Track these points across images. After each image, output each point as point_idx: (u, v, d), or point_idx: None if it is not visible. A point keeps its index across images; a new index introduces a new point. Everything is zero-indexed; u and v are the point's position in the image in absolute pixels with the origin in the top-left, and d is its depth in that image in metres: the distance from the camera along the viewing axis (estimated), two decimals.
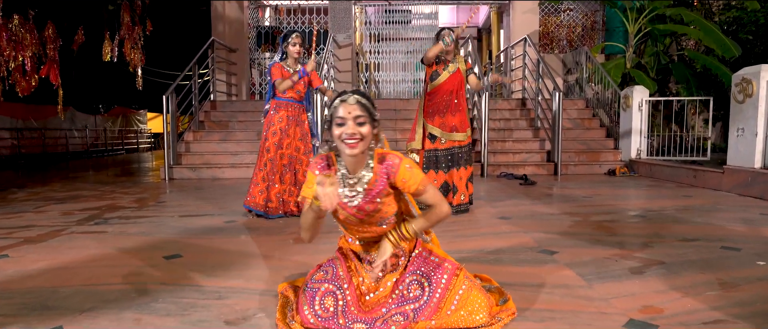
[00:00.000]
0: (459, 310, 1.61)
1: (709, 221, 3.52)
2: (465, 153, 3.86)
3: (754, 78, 4.76)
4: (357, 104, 1.58)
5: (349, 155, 1.59)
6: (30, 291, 2.12)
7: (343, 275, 1.70)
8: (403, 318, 1.59)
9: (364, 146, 1.60)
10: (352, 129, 1.56)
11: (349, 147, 1.57)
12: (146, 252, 2.76)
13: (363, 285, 1.73)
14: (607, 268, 2.36)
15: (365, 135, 1.58)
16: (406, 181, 1.65)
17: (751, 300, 1.94)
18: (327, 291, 1.65)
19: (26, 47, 5.66)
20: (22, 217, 4.02)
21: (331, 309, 1.62)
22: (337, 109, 1.58)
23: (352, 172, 1.66)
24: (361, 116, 1.57)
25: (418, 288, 1.67)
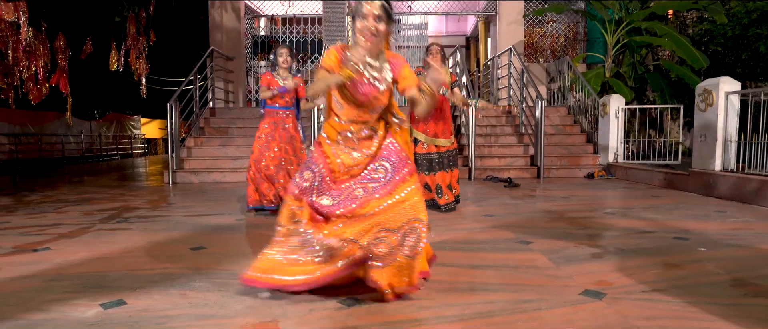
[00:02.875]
0: (405, 201, 1.96)
1: (669, 217, 3.96)
2: (448, 158, 4.27)
3: (714, 89, 5.25)
4: (379, 5, 1.96)
5: (364, 46, 1.98)
6: (83, 275, 2.48)
7: (321, 162, 2.09)
8: (363, 192, 2.00)
9: (379, 41, 1.99)
10: (373, 24, 1.94)
11: (366, 40, 1.96)
12: (173, 245, 3.13)
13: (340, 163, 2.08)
14: (573, 254, 2.78)
15: (381, 31, 1.97)
16: (406, 77, 2.06)
17: (685, 275, 2.37)
18: (306, 168, 2.10)
19: (39, 58, 5.98)
20: (46, 217, 4.35)
21: (308, 178, 2.05)
22: (362, 6, 1.97)
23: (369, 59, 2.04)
24: (381, 15, 1.96)
25: (382, 171, 2.06)
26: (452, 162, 4.33)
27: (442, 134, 4.28)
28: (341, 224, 1.95)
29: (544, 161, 7.35)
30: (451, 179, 4.33)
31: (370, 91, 2.05)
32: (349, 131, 2.12)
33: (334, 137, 2.14)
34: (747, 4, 8.51)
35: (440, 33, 16.28)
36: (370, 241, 1.91)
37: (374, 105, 2.08)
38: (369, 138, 2.12)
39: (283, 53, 4.26)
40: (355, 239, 1.92)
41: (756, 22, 8.35)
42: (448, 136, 4.30)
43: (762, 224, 3.66)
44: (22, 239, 3.39)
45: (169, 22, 9.93)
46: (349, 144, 2.13)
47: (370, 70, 2.04)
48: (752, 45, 8.46)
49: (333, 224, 1.97)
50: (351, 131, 2.12)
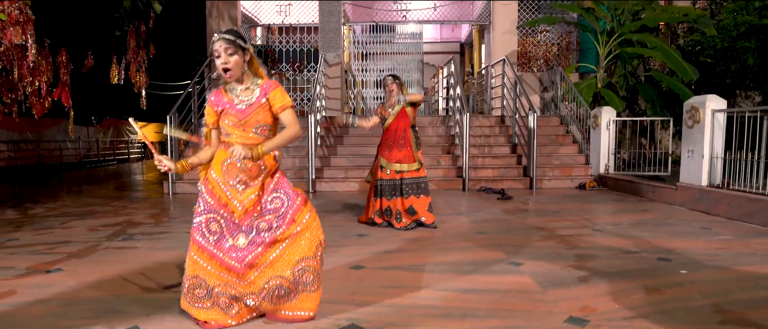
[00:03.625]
0: (303, 233, 2.17)
1: (655, 235, 4.13)
2: (409, 185, 4.40)
3: (701, 107, 5.43)
4: (224, 40, 2.10)
5: (226, 79, 2.15)
6: (97, 299, 2.62)
7: (214, 202, 2.19)
8: (266, 225, 2.16)
9: (235, 73, 2.13)
10: (225, 59, 2.10)
11: (226, 76, 2.13)
12: (180, 266, 3.26)
13: (236, 205, 2.19)
14: (560, 277, 2.94)
15: (234, 63, 2.11)
16: (275, 97, 2.18)
17: (665, 300, 2.53)
18: (208, 219, 2.18)
19: (42, 73, 6.09)
20: (53, 233, 4.47)
21: (216, 231, 2.17)
22: (213, 45, 2.14)
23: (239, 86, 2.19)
24: (229, 48, 2.10)
25: (278, 201, 2.21)
26: (417, 189, 4.42)
27: (405, 159, 4.43)
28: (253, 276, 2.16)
29: (536, 171, 7.52)
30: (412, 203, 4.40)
31: (246, 109, 2.16)
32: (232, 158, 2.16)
33: (220, 168, 2.20)
34: (736, 17, 8.72)
35: (435, 39, 16.48)
36: (293, 271, 2.16)
37: (256, 122, 2.17)
38: (257, 168, 2.20)
39: None
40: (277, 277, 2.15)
41: (744, 35, 8.56)
42: (409, 161, 4.43)
43: (742, 243, 3.83)
44: (34, 258, 3.52)
45: (167, 31, 10.05)
46: (231, 173, 2.17)
47: (241, 95, 2.18)
48: (741, 57, 8.66)
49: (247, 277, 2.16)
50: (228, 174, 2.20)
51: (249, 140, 2.17)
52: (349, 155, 8.36)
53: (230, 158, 2.16)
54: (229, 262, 2.14)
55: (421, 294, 2.65)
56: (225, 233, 2.17)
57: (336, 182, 7.59)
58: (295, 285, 2.16)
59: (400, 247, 3.75)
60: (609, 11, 9.24)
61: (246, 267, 2.14)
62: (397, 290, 2.72)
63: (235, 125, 2.16)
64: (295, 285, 2.16)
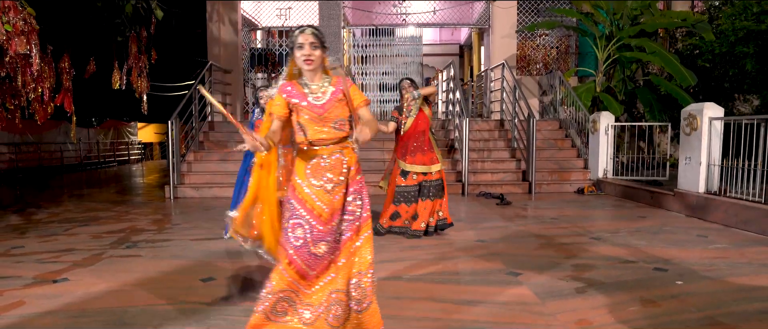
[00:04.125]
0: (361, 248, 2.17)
1: (651, 243, 4.19)
2: (434, 187, 4.44)
3: (698, 114, 5.49)
4: (312, 34, 2.14)
5: (307, 70, 2.16)
6: (105, 311, 2.67)
7: (300, 208, 2.16)
8: (344, 226, 2.17)
9: (316, 65, 2.17)
10: (309, 51, 2.13)
11: (306, 64, 2.14)
12: (184, 276, 3.32)
13: (321, 206, 2.17)
14: (558, 288, 3.00)
15: (318, 57, 2.15)
16: (355, 94, 2.23)
17: (660, 313, 2.59)
18: (296, 224, 2.16)
19: (45, 79, 6.14)
20: (58, 240, 4.52)
21: (300, 237, 2.14)
22: (298, 37, 2.15)
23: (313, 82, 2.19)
24: (315, 42, 2.15)
25: (358, 206, 2.20)
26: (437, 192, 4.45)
27: (430, 161, 4.47)
28: (318, 287, 2.14)
29: (535, 176, 7.57)
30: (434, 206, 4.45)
31: (325, 103, 2.18)
32: (319, 157, 2.17)
33: (304, 172, 2.20)
34: (734, 23, 8.77)
35: (435, 41, 16.52)
36: (348, 284, 2.13)
37: (335, 117, 2.18)
38: (341, 165, 2.19)
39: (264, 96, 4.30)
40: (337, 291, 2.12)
41: (742, 41, 8.61)
42: (436, 161, 4.49)
43: (737, 252, 3.89)
44: (40, 267, 3.57)
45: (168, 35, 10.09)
46: (318, 174, 2.17)
47: (316, 92, 2.19)
48: (739, 62, 8.72)
49: (312, 285, 2.15)
50: (321, 156, 2.18)
51: (331, 133, 2.19)
52: None
53: (315, 159, 2.18)
54: (305, 268, 2.13)
55: (420, 306, 2.71)
56: (308, 241, 2.13)
57: None
58: (353, 299, 2.13)
59: (399, 256, 3.81)
60: (608, 16, 9.30)
61: (316, 275, 2.14)
62: (397, 301, 2.78)
63: (312, 120, 2.16)
64: (349, 299, 2.13)
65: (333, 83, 2.21)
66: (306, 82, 2.19)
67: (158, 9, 6.85)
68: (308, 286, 2.14)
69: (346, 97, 2.21)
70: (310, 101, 2.16)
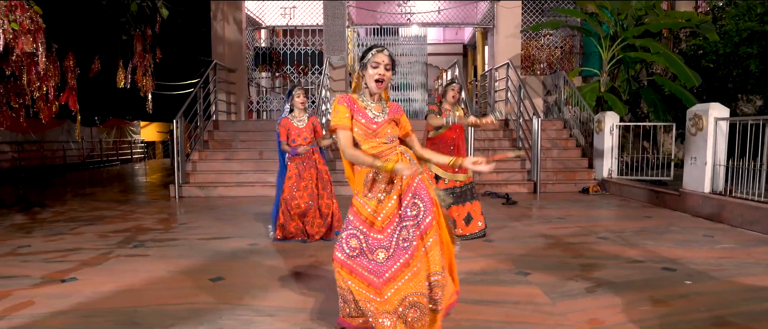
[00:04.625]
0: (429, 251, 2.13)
1: (658, 243, 4.18)
2: (466, 191, 4.40)
3: (704, 114, 5.48)
4: (388, 56, 2.23)
5: (376, 91, 2.23)
6: (115, 310, 2.67)
7: (356, 220, 2.22)
8: (405, 234, 2.15)
9: (386, 85, 2.26)
10: (383, 72, 2.20)
11: (377, 86, 2.22)
12: (192, 275, 3.32)
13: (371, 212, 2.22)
14: (568, 288, 3.00)
15: (388, 78, 2.24)
16: (406, 121, 2.36)
17: (670, 313, 2.58)
18: (348, 235, 2.21)
19: (50, 78, 6.14)
20: (64, 239, 4.53)
21: (356, 247, 2.19)
22: (375, 55, 2.22)
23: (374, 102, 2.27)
24: (389, 64, 2.23)
25: (416, 209, 2.18)
26: (471, 195, 4.42)
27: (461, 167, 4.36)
28: (390, 293, 2.12)
29: (540, 176, 7.57)
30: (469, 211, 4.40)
31: (383, 122, 2.25)
32: (374, 173, 2.24)
33: (362, 188, 2.26)
34: (738, 23, 8.76)
35: (438, 41, 16.52)
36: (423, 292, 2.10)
37: (386, 133, 2.25)
38: (389, 175, 2.22)
39: (300, 95, 4.33)
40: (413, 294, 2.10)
41: (746, 41, 8.60)
42: (465, 170, 4.38)
43: (744, 252, 3.89)
44: (48, 267, 3.58)
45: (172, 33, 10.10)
46: (374, 188, 2.24)
47: (374, 110, 2.26)
48: (743, 62, 8.71)
49: (383, 293, 2.13)
50: (374, 171, 2.24)
51: (382, 148, 2.25)
52: None
53: (370, 174, 2.25)
54: (369, 277, 2.15)
55: None
56: (364, 250, 2.18)
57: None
58: (431, 301, 2.12)
59: None
60: (612, 16, 9.28)
61: (384, 282, 2.12)
62: None
63: (365, 135, 2.23)
64: (430, 301, 2.11)
65: (389, 105, 2.32)
66: (366, 100, 2.27)
67: (164, 8, 6.84)
68: (379, 294, 2.13)
69: (399, 123, 2.33)
70: (368, 116, 2.23)
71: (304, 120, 4.36)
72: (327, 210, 4.39)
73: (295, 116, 4.36)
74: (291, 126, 4.33)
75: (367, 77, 2.21)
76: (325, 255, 3.84)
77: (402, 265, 2.12)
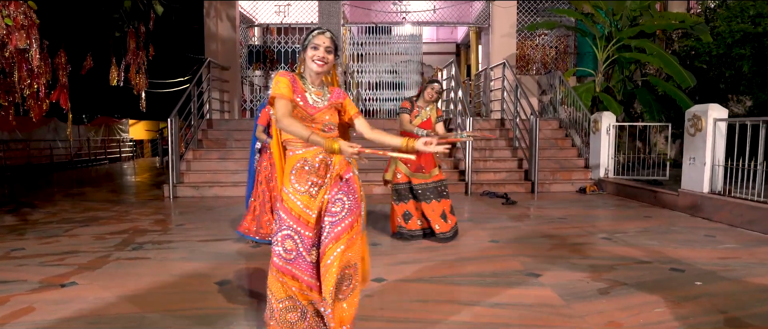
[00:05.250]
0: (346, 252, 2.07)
1: (662, 243, 4.19)
2: (431, 190, 4.28)
3: (703, 115, 5.51)
4: (330, 38, 2.14)
5: (316, 72, 2.13)
6: (122, 317, 2.59)
7: (287, 218, 2.11)
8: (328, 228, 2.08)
9: (327, 69, 2.17)
10: (323, 54, 2.12)
11: (317, 66, 2.12)
12: (197, 279, 3.24)
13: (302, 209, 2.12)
14: (581, 289, 2.97)
15: (330, 60, 2.15)
16: (350, 105, 2.26)
17: (686, 315, 2.57)
18: (284, 237, 2.09)
19: (41, 75, 5.99)
20: (60, 242, 4.40)
21: (291, 248, 2.09)
22: (316, 37, 2.14)
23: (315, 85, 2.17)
24: (330, 47, 2.14)
25: (339, 205, 2.11)
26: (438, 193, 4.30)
27: (426, 165, 4.28)
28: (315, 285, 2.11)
29: (538, 175, 7.57)
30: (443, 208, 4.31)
31: (322, 107, 2.16)
32: (304, 160, 2.13)
33: (289, 178, 2.16)
34: (730, 25, 8.85)
35: (432, 40, 16.49)
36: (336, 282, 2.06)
37: (323, 120, 2.15)
38: (325, 166, 2.14)
39: None
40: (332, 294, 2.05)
41: (739, 43, 8.70)
42: (430, 169, 4.29)
43: (748, 252, 3.91)
44: (45, 271, 3.47)
45: (165, 30, 9.93)
46: (302, 178, 2.13)
47: (314, 95, 2.16)
48: (736, 64, 8.81)
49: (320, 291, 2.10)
50: (306, 159, 2.13)
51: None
52: None
53: (299, 163, 2.13)
54: (309, 281, 2.10)
55: (448, 309, 2.67)
56: (301, 251, 2.10)
57: None
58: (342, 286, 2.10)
59: (417, 257, 3.76)
60: (607, 16, 9.33)
61: (309, 279, 2.10)
62: (424, 304, 2.73)
63: (304, 119, 2.12)
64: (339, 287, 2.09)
65: (331, 91, 2.23)
66: (308, 84, 2.17)
67: (158, 4, 6.72)
68: (309, 290, 2.12)
69: (342, 107, 2.24)
70: (308, 100, 2.14)
71: None
72: None
73: None
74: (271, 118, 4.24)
75: (307, 60, 2.14)
76: None
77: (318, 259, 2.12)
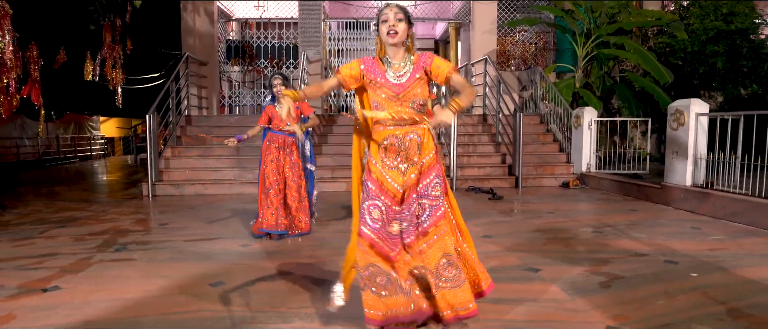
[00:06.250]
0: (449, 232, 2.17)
1: (652, 236, 4.25)
2: None
3: (685, 110, 5.62)
4: (396, 7, 2.14)
5: (391, 43, 2.12)
6: (116, 322, 2.45)
7: (376, 189, 2.16)
8: (423, 211, 2.14)
9: (401, 38, 2.13)
10: (393, 22, 2.10)
11: (390, 37, 2.11)
12: (190, 280, 3.11)
13: (392, 184, 2.16)
14: (582, 283, 2.97)
15: (402, 29, 2.12)
16: (439, 66, 2.15)
17: (687, 307, 2.59)
18: (370, 206, 2.14)
19: (11, 70, 5.70)
20: (35, 243, 4.19)
21: (377, 218, 2.13)
22: (383, 13, 2.15)
23: (395, 60, 2.17)
24: (399, 14, 2.13)
25: (438, 189, 2.18)
26: None
27: None
28: (409, 256, 2.13)
29: (522, 170, 7.63)
30: None
31: (405, 83, 2.15)
32: (394, 136, 2.16)
33: (378, 152, 2.18)
34: (704, 22, 9.09)
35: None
36: (438, 266, 2.12)
37: (414, 96, 2.15)
38: (416, 146, 2.17)
39: (276, 83, 4.23)
40: (424, 266, 2.12)
41: (713, 40, 8.94)
42: None
43: (735, 243, 3.99)
44: (23, 275, 3.28)
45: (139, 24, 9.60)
46: (392, 154, 2.16)
47: (397, 70, 2.16)
48: (709, 60, 9.05)
49: (402, 256, 2.13)
50: (397, 135, 2.16)
51: (408, 112, 2.15)
52: (334, 154, 8.24)
53: (389, 139, 2.16)
54: (386, 250, 2.11)
55: None
56: (385, 222, 2.13)
57: (323, 182, 7.47)
58: (438, 278, 2.11)
59: None
60: (586, 13, 9.45)
61: (397, 254, 2.12)
62: None
63: (390, 99, 2.13)
64: (437, 278, 2.11)
65: (414, 62, 2.18)
66: (388, 59, 2.17)
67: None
68: (392, 267, 2.12)
69: (429, 72, 2.16)
70: (389, 78, 2.13)
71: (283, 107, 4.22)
72: (291, 203, 4.28)
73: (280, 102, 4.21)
74: (274, 112, 4.27)
75: (382, 35, 2.15)
76: (324, 253, 3.70)
77: (416, 238, 2.14)
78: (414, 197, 2.15)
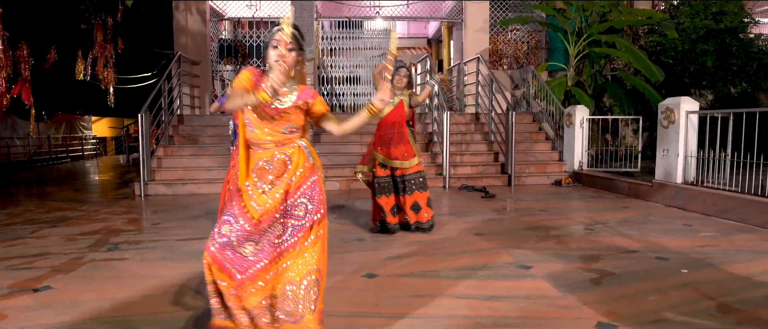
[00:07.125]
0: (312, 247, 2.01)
1: (643, 233, 4.29)
2: (410, 181, 4.28)
3: (676, 108, 5.67)
4: (290, 34, 1.96)
5: (279, 70, 1.92)
6: (106, 321, 2.44)
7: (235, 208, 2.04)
8: (282, 230, 2.03)
9: (288, 68, 1.96)
10: (282, 52, 1.92)
11: (277, 65, 1.92)
12: (182, 279, 3.10)
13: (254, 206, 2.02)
14: (573, 280, 2.99)
15: (291, 59, 2.00)
16: (320, 103, 2.13)
17: (678, 303, 2.62)
18: (222, 221, 2.03)
19: (0, 69, 5.65)
20: (26, 243, 4.16)
21: (226, 234, 2.01)
22: (275, 34, 2.02)
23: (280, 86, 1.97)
24: (291, 43, 2.00)
25: (302, 209, 2.05)
26: (417, 185, 4.31)
27: (403, 156, 4.27)
28: (254, 289, 1.98)
29: (514, 168, 7.66)
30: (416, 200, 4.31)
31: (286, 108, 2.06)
32: (263, 160, 2.07)
33: (250, 174, 2.09)
34: (694, 21, 9.17)
35: (403, 35, 16.46)
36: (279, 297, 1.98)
37: (287, 121, 2.07)
38: (283, 165, 2.07)
39: None
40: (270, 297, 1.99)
41: (703, 39, 9.02)
42: (409, 158, 4.28)
43: (726, 240, 4.04)
44: (14, 275, 3.26)
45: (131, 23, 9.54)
46: (263, 178, 2.06)
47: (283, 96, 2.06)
48: (699, 59, 9.13)
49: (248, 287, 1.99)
50: (265, 158, 2.07)
51: (278, 136, 2.06)
52: (328, 153, 8.23)
53: (260, 162, 2.05)
54: (229, 268, 1.97)
55: (446, 303, 2.64)
56: (232, 241, 1.99)
57: None
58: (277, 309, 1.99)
59: (405, 252, 3.72)
60: (578, 12, 9.50)
61: (246, 278, 1.96)
62: (420, 299, 2.69)
63: (263, 119, 2.03)
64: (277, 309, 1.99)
65: (299, 90, 2.10)
66: (272, 83, 1.94)
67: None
68: (240, 289, 1.98)
69: (308, 106, 2.11)
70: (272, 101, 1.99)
71: None
72: None
73: None
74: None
75: (269, 57, 2.02)
76: None
77: (269, 263, 2.00)
78: (276, 217, 2.04)
